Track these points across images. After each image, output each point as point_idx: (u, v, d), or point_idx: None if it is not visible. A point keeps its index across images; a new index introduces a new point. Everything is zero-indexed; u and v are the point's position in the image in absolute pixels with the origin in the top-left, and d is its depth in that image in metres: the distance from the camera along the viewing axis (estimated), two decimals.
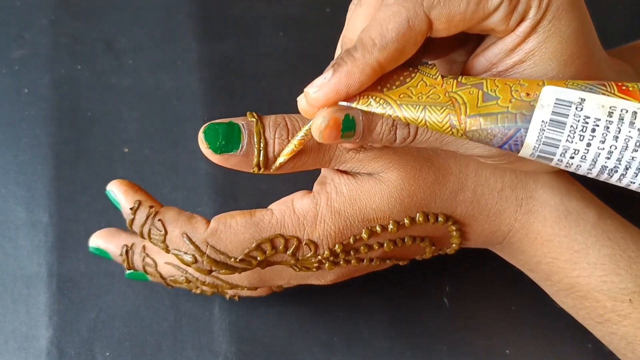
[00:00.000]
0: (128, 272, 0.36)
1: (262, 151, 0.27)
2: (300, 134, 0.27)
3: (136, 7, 0.46)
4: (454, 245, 0.32)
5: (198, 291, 0.35)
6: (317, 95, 0.24)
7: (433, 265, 0.38)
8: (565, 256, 0.31)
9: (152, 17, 0.46)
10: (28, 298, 0.39)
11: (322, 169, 0.31)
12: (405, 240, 0.30)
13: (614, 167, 0.22)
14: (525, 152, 0.23)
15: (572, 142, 0.22)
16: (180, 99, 0.44)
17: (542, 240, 0.31)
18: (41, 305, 0.38)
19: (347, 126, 0.25)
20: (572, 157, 0.22)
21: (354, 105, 0.25)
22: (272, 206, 0.29)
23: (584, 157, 0.22)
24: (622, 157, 0.22)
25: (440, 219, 0.30)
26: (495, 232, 0.32)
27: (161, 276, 0.33)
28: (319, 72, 0.25)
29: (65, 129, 0.43)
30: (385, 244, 0.30)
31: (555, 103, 0.22)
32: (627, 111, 0.22)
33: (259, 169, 0.28)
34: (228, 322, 0.38)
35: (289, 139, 0.28)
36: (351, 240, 0.29)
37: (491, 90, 0.24)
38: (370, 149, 0.29)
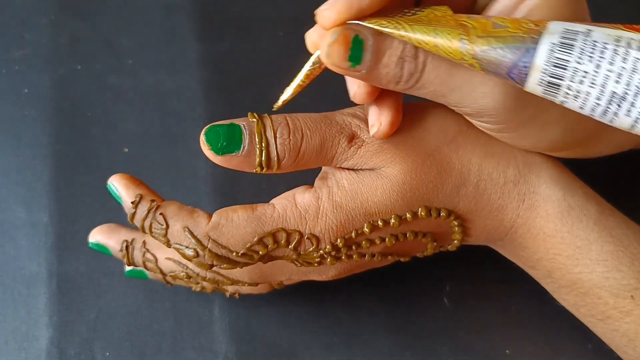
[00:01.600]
0: (127, 269, 0.36)
1: (264, 151, 0.28)
2: (308, 64, 0.27)
3: (136, 7, 0.46)
4: (455, 241, 0.32)
5: (198, 288, 0.35)
6: (328, 12, 0.24)
7: (433, 265, 0.38)
8: (568, 252, 0.31)
9: (152, 17, 0.46)
10: (28, 298, 0.39)
11: (323, 167, 0.31)
12: (407, 235, 0.30)
13: (624, 93, 0.22)
14: (534, 77, 0.23)
15: (581, 63, 0.22)
16: (180, 99, 0.44)
17: (545, 236, 0.31)
18: (41, 305, 0.38)
19: (356, 48, 0.25)
20: (581, 82, 0.22)
21: (365, 23, 0.24)
22: (274, 201, 0.29)
23: (593, 81, 0.22)
24: (632, 80, 0.21)
25: (442, 213, 0.30)
26: (498, 227, 0.32)
27: (161, 272, 0.33)
28: None
29: (65, 129, 0.43)
30: (387, 239, 0.30)
31: (564, 30, 0.22)
32: (634, 39, 0.21)
33: (262, 168, 0.28)
34: (228, 322, 0.38)
35: (290, 138, 0.28)
36: (353, 234, 0.29)
37: (500, 21, 0.24)
38: (371, 142, 0.29)
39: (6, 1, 0.46)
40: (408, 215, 0.29)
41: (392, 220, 0.29)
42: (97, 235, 0.35)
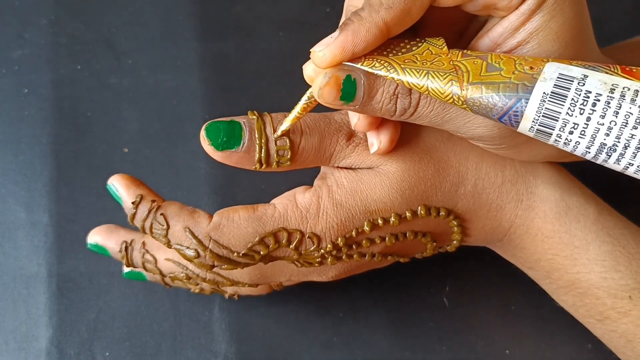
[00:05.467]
0: (126, 271, 0.36)
1: (263, 147, 0.28)
2: (304, 98, 0.27)
3: (136, 7, 0.46)
4: (454, 242, 0.32)
5: (197, 289, 0.35)
6: (323, 54, 0.24)
7: (433, 265, 0.38)
8: (566, 252, 0.31)
9: (152, 17, 0.46)
10: (28, 298, 0.39)
11: (322, 167, 0.31)
12: (407, 235, 0.30)
13: (613, 145, 0.22)
14: (525, 125, 0.23)
15: (572, 115, 0.22)
16: (180, 99, 0.44)
17: (543, 237, 0.31)
18: (41, 305, 0.38)
19: (348, 88, 0.25)
20: (571, 132, 0.22)
21: (357, 65, 0.25)
22: (275, 201, 0.29)
23: (583, 133, 0.22)
24: (622, 134, 0.22)
25: (441, 212, 0.30)
26: (496, 228, 0.32)
27: (161, 273, 0.33)
28: None
29: (65, 129, 0.43)
30: (387, 238, 0.30)
31: (557, 77, 0.22)
32: (629, 89, 0.22)
33: (261, 165, 0.28)
34: (228, 322, 0.38)
35: (290, 135, 0.28)
36: (353, 233, 0.29)
37: (495, 62, 0.24)
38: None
39: (6, 1, 0.46)
40: (408, 213, 0.29)
41: (392, 219, 0.29)
42: (96, 236, 0.35)
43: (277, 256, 0.29)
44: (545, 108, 0.22)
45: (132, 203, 0.29)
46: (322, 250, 0.29)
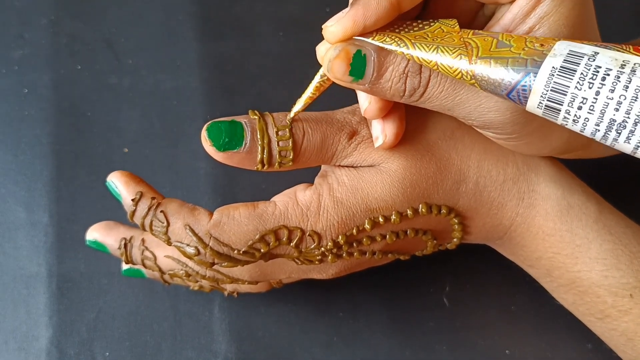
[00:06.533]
0: (125, 268, 0.36)
1: (265, 148, 0.28)
2: (317, 77, 0.27)
3: (136, 7, 0.46)
4: (455, 239, 0.32)
5: (196, 287, 0.35)
6: (334, 28, 0.25)
7: (433, 264, 0.38)
8: (567, 251, 0.31)
9: (152, 17, 0.46)
10: (28, 298, 0.39)
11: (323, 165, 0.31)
12: (408, 232, 0.30)
13: (623, 121, 0.21)
14: (533, 101, 0.23)
15: (580, 89, 0.22)
16: (180, 99, 0.44)
17: (544, 235, 0.31)
18: (41, 305, 0.38)
19: (358, 63, 0.25)
20: (579, 108, 0.22)
21: (368, 40, 0.25)
22: (275, 198, 0.29)
23: (592, 108, 0.22)
24: (632, 109, 0.21)
25: (443, 210, 0.30)
26: (497, 226, 0.32)
27: (160, 270, 0.33)
28: None
29: (65, 129, 0.43)
30: (387, 236, 0.30)
31: (568, 53, 0.22)
32: None
33: (263, 166, 0.28)
34: (228, 322, 0.38)
35: (292, 135, 0.28)
36: (354, 231, 0.29)
37: (506, 40, 0.24)
38: (371, 138, 0.29)
39: (6, 1, 0.46)
40: (409, 211, 0.29)
41: (393, 217, 0.29)
42: (95, 233, 0.34)
43: (278, 254, 0.29)
44: (554, 82, 0.22)
45: (132, 200, 0.29)
46: (322, 248, 0.29)
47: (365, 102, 0.28)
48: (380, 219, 0.29)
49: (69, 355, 0.37)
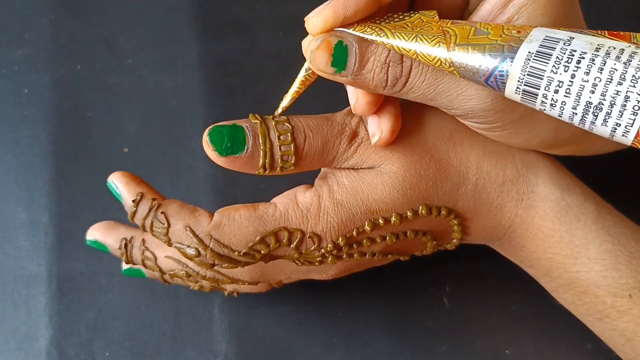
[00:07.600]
0: (125, 268, 0.36)
1: (267, 152, 0.28)
2: (302, 72, 0.27)
3: (136, 7, 0.46)
4: (454, 240, 0.32)
5: (196, 287, 0.35)
6: (315, 19, 0.25)
7: (433, 265, 0.38)
8: (566, 251, 0.31)
9: (152, 17, 0.46)
10: (28, 298, 0.39)
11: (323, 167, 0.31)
12: (408, 234, 0.30)
13: (599, 103, 0.22)
14: (511, 86, 0.23)
15: (556, 72, 0.22)
16: (180, 99, 0.44)
17: (543, 236, 0.31)
18: (41, 305, 0.38)
19: (340, 54, 0.25)
20: (556, 92, 0.22)
21: (349, 30, 0.25)
22: (275, 200, 0.29)
23: (568, 91, 0.22)
24: (607, 90, 0.21)
25: (442, 211, 0.30)
26: (496, 226, 0.32)
27: (160, 270, 0.33)
28: None
29: (65, 129, 0.43)
30: (387, 237, 0.30)
31: (544, 38, 0.22)
32: (614, 48, 0.21)
33: (265, 170, 0.28)
34: (228, 322, 0.38)
35: (294, 140, 0.28)
36: (354, 232, 0.29)
37: (484, 27, 0.24)
38: (368, 140, 0.29)
39: (6, 1, 0.46)
40: (409, 213, 0.29)
41: (393, 218, 0.29)
42: (95, 233, 0.34)
43: (278, 255, 0.29)
44: (530, 66, 0.22)
45: (133, 201, 0.29)
46: (322, 250, 0.29)
47: (354, 97, 0.28)
48: (380, 221, 0.29)
49: (69, 355, 0.37)
